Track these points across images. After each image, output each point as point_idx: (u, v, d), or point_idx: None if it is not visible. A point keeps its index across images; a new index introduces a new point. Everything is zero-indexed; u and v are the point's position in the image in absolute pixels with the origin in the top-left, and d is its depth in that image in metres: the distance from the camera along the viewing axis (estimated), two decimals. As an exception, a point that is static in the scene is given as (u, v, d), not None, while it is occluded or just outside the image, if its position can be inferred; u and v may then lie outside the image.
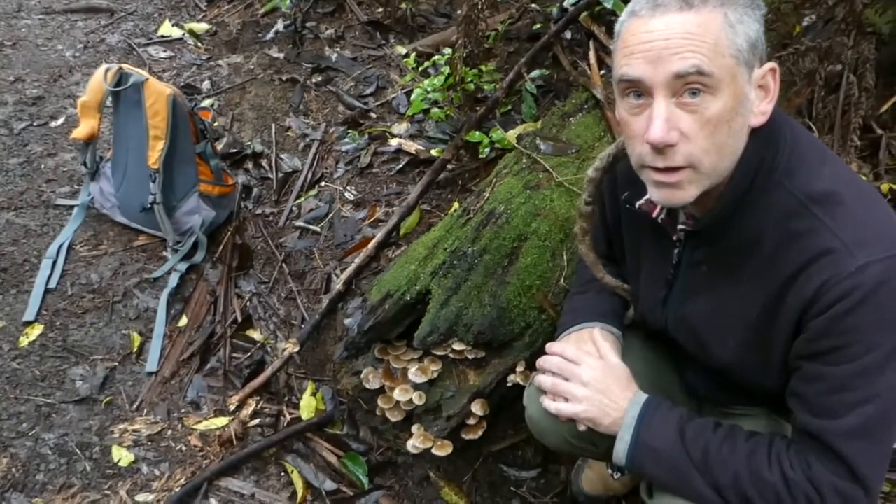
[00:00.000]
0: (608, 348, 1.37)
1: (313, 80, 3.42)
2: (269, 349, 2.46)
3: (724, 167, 1.11)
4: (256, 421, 2.23)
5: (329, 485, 2.09)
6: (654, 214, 1.28)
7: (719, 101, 1.05)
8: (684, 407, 1.28)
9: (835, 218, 1.08)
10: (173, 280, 2.58)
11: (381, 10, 3.76)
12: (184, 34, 3.79)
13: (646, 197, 1.25)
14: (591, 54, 2.70)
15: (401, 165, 2.90)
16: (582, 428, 1.31)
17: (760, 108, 1.11)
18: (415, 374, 1.98)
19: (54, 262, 2.61)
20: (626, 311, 1.55)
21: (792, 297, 1.10)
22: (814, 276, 1.07)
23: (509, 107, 2.91)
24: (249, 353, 2.44)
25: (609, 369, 1.32)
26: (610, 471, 1.51)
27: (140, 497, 2.05)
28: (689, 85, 1.04)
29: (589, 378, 1.30)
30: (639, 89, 1.09)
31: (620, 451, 1.25)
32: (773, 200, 1.13)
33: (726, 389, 1.38)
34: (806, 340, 1.10)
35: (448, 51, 2.92)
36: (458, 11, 2.67)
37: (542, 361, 1.38)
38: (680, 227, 1.26)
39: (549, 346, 1.39)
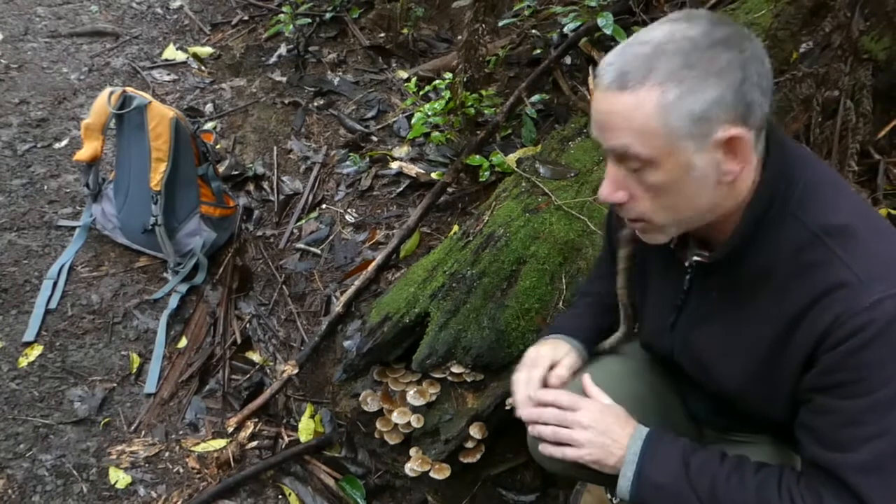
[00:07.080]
0: (597, 392, 1.35)
1: (315, 104, 3.45)
2: (268, 371, 2.45)
3: (688, 217, 1.13)
4: (254, 443, 2.22)
5: (326, 508, 2.08)
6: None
7: (660, 173, 1.07)
8: (687, 434, 1.27)
9: (848, 251, 1.07)
10: (173, 301, 2.58)
11: (382, 34, 3.80)
12: (188, 58, 3.84)
13: None
14: (591, 79, 2.73)
15: (401, 188, 2.91)
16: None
17: (727, 168, 1.08)
18: (413, 397, 1.98)
19: (55, 283, 2.61)
20: (613, 332, 1.53)
21: (804, 329, 1.09)
22: (827, 309, 1.06)
23: (509, 131, 2.93)
24: (248, 375, 2.43)
25: (607, 409, 1.31)
26: (609, 496, 1.51)
27: (136, 520, 2.04)
28: (624, 161, 1.09)
29: (589, 421, 1.28)
30: None
31: (623, 487, 1.23)
32: (786, 232, 1.12)
33: (728, 416, 1.37)
34: (818, 374, 1.09)
35: (449, 75, 2.95)
36: (459, 37, 2.70)
37: (535, 415, 1.36)
38: (695, 258, 1.25)
39: (541, 396, 1.37)
